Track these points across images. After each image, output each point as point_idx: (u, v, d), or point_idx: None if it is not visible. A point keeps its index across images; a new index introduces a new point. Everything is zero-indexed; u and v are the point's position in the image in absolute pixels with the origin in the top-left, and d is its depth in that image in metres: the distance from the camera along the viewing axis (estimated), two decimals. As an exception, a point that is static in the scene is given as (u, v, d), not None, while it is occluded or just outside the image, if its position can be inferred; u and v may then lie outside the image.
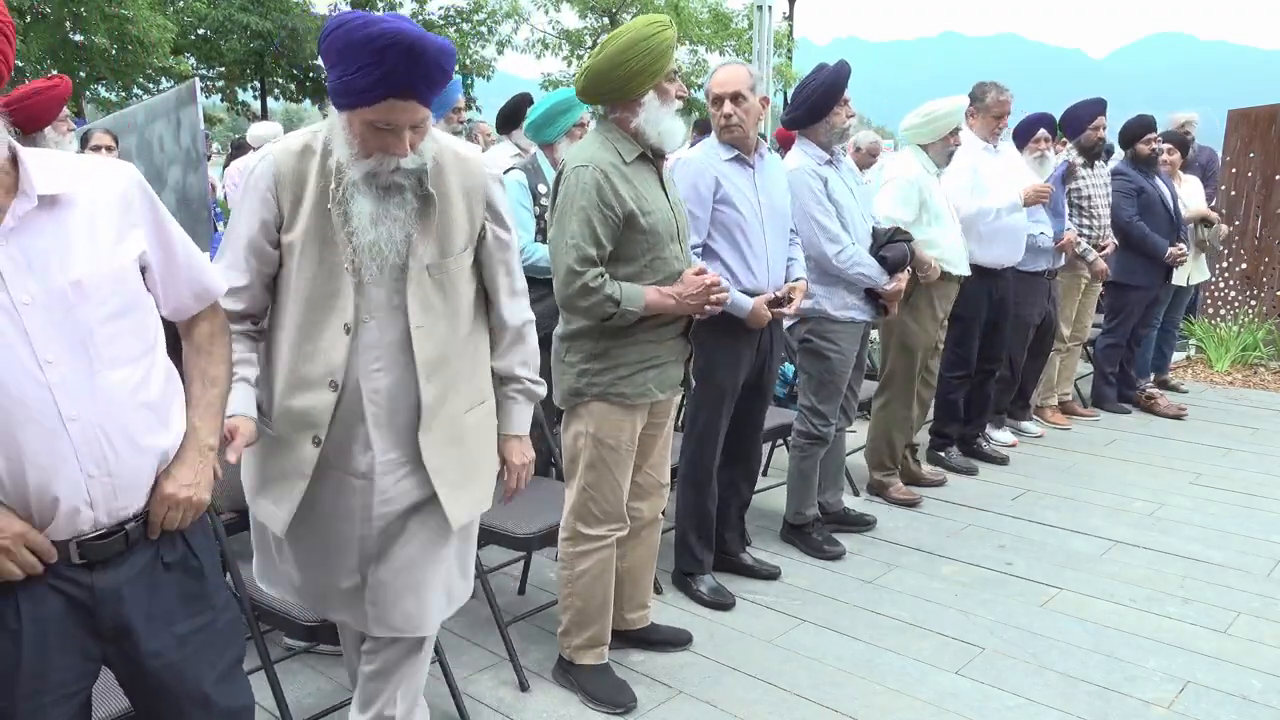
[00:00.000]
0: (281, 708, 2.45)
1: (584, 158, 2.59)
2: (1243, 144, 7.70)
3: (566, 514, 2.78)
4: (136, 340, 1.53)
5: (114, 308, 1.48)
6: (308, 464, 1.92)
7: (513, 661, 2.87)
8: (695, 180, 3.13)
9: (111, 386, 1.47)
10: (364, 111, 1.72)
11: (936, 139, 4.24)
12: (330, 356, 1.87)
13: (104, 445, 1.46)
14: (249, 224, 1.86)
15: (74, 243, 1.44)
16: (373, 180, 1.80)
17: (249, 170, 1.88)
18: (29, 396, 1.38)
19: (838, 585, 3.60)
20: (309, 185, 1.84)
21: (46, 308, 1.40)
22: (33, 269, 1.40)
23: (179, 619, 1.61)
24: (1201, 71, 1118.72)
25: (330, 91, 1.76)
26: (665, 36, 2.53)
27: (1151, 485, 4.76)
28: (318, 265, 1.85)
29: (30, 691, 1.48)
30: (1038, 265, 5.03)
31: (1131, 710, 2.79)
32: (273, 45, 19.99)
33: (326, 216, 1.84)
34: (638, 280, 2.62)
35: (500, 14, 22.78)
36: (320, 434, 1.90)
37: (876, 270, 3.67)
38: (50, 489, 1.42)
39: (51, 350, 1.40)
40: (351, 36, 1.65)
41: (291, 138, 1.89)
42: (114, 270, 1.49)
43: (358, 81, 1.67)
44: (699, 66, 22.77)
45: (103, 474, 1.46)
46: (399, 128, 1.75)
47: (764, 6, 12.17)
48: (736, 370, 3.26)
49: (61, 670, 1.51)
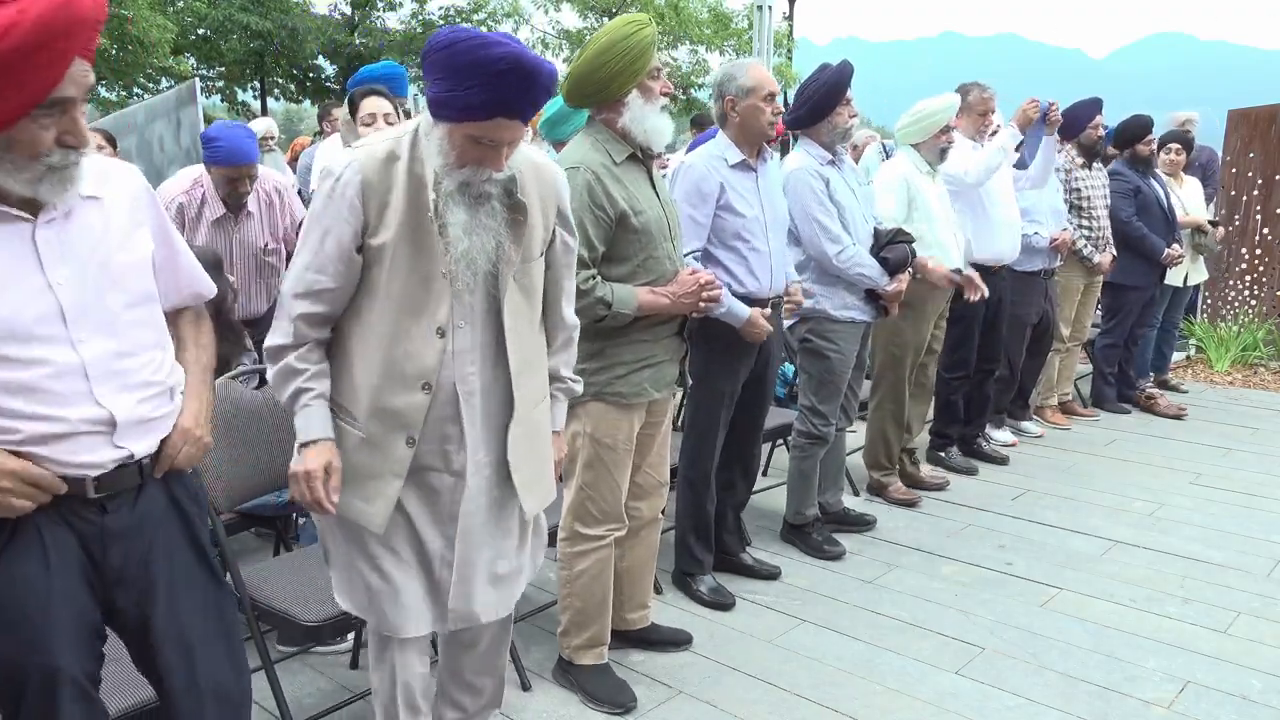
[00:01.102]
0: (281, 708, 2.45)
1: (574, 159, 2.59)
2: (1243, 144, 7.70)
3: (565, 514, 2.78)
4: (154, 330, 1.68)
5: (136, 296, 1.62)
6: (402, 464, 1.95)
7: (513, 661, 2.87)
8: (699, 185, 3.11)
9: (139, 369, 1.61)
10: (469, 126, 1.77)
11: (926, 137, 4.24)
12: (423, 359, 1.91)
13: (129, 418, 1.59)
14: (338, 230, 1.86)
15: (99, 235, 1.58)
16: (466, 190, 1.84)
17: (332, 176, 1.87)
18: (65, 369, 1.50)
19: (838, 585, 3.60)
20: (395, 192, 1.86)
21: (80, 290, 1.53)
22: (64, 255, 1.52)
23: (178, 572, 1.72)
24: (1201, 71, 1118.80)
25: (432, 102, 1.79)
26: (644, 35, 2.53)
27: (1151, 485, 4.76)
28: (409, 271, 1.88)
29: (68, 617, 1.57)
30: (1034, 265, 5.03)
31: (1131, 710, 2.79)
32: (273, 45, 19.99)
33: (417, 223, 1.87)
34: (630, 280, 2.63)
35: (500, 14, 22.79)
36: (415, 434, 1.94)
37: (877, 271, 3.67)
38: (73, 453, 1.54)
39: (83, 330, 1.53)
40: (472, 55, 1.69)
41: (376, 145, 1.89)
42: (134, 262, 1.62)
43: (469, 98, 1.72)
44: (699, 66, 22.77)
45: (130, 440, 1.60)
46: (500, 144, 1.81)
47: (764, 6, 12.17)
48: (736, 372, 3.26)
49: (78, 598, 1.60)
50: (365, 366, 1.93)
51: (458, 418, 1.95)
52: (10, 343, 1.46)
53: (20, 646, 1.52)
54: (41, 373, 1.48)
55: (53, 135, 1.45)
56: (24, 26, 1.32)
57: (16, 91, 1.37)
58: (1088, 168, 5.45)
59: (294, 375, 1.92)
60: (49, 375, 1.49)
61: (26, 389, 1.48)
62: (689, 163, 3.19)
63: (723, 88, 3.22)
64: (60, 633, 1.55)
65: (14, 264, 1.47)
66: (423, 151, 1.85)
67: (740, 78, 3.19)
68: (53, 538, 1.56)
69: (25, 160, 1.43)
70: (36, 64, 1.36)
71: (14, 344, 1.46)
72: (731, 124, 3.22)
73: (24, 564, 1.54)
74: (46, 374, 1.48)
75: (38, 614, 1.54)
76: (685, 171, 3.16)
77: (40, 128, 1.43)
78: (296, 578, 2.48)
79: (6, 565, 1.53)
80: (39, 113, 1.41)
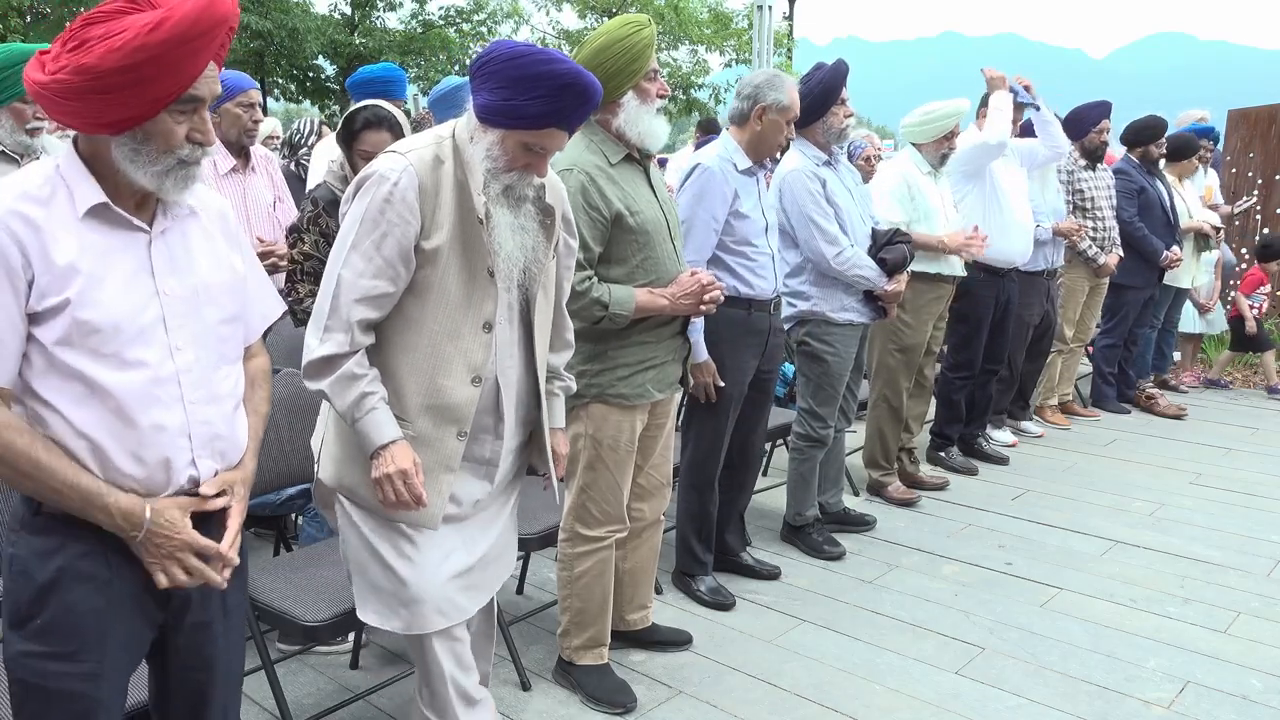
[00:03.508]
0: (281, 708, 2.45)
1: (569, 161, 2.59)
2: (1243, 144, 7.71)
3: (565, 515, 2.78)
4: (238, 346, 1.73)
5: (229, 312, 1.67)
6: (454, 457, 2.02)
7: (513, 661, 2.88)
8: (721, 189, 3.10)
9: (221, 381, 1.65)
10: (523, 134, 1.89)
11: (931, 139, 4.25)
12: (473, 354, 1.99)
13: (211, 429, 1.62)
14: (400, 233, 1.89)
15: (198, 250, 1.64)
16: (510, 193, 1.95)
17: (387, 181, 1.88)
18: (163, 375, 1.54)
19: (838, 585, 3.60)
20: (444, 194, 1.93)
21: (182, 301, 1.58)
22: (173, 267, 1.58)
23: (230, 596, 1.73)
24: (1201, 71, 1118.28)
25: (487, 109, 1.88)
26: (642, 36, 2.54)
27: (1151, 485, 4.76)
28: (460, 270, 1.95)
29: (118, 648, 1.58)
30: (1037, 264, 5.04)
31: (1131, 710, 2.79)
32: (272, 45, 19.98)
33: (467, 224, 1.94)
34: (629, 281, 2.62)
35: (500, 14, 22.79)
36: (465, 428, 2.01)
37: (875, 272, 3.66)
38: (163, 459, 1.56)
39: (181, 338, 1.57)
40: (537, 69, 1.83)
41: (422, 149, 1.93)
42: (228, 280, 1.68)
43: (529, 108, 1.85)
44: (699, 67, 22.76)
45: (206, 455, 1.62)
46: (549, 152, 1.94)
47: (764, 6, 12.16)
48: (741, 377, 3.26)
49: (134, 632, 1.61)
50: (413, 365, 1.97)
51: (497, 408, 2.06)
52: (121, 340, 1.50)
53: (66, 678, 1.53)
54: (141, 376, 1.52)
55: (184, 131, 1.51)
56: (173, 20, 1.40)
57: (158, 85, 1.44)
58: (1091, 169, 5.46)
59: (355, 381, 1.91)
60: (148, 380, 1.52)
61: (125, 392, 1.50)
62: (707, 166, 3.14)
63: (760, 95, 3.18)
64: (111, 668, 1.57)
65: (135, 269, 1.53)
66: (466, 155, 1.93)
67: (780, 95, 3.18)
68: (118, 562, 1.56)
69: (158, 153, 1.49)
70: (180, 57, 1.43)
71: (125, 342, 1.50)
72: (751, 131, 3.20)
73: (85, 592, 1.53)
74: (145, 378, 1.52)
75: (92, 648, 1.55)
76: (703, 176, 3.12)
77: (175, 122, 1.49)
78: (296, 578, 2.48)
79: (67, 591, 1.53)
80: (175, 107, 1.48)
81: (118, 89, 1.41)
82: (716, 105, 22.47)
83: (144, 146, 1.48)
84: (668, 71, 16.08)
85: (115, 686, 1.59)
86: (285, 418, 2.74)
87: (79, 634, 1.53)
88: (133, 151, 1.48)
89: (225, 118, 3.62)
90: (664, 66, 4.18)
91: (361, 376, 1.92)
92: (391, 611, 2.02)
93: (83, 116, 1.46)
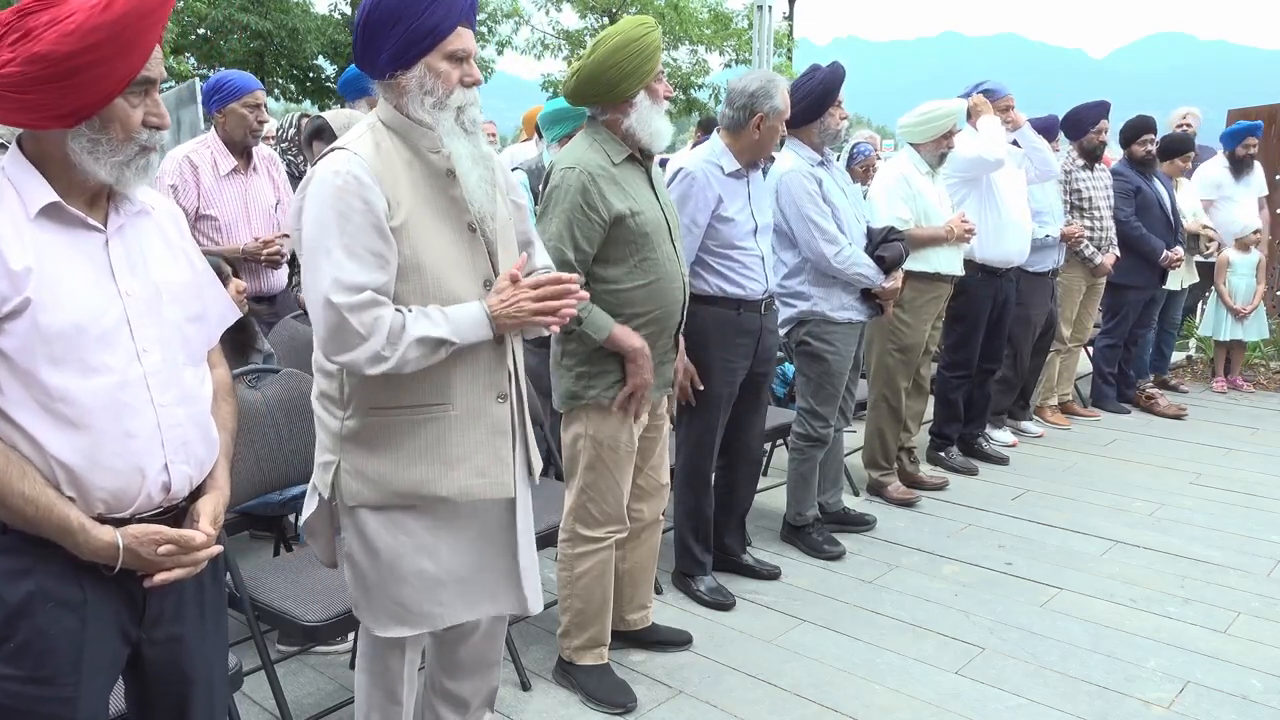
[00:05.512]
0: (281, 708, 2.46)
1: (571, 160, 2.59)
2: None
3: (566, 515, 2.78)
4: (203, 346, 1.69)
5: (192, 311, 1.63)
6: (503, 420, 2.00)
7: (514, 661, 2.88)
8: (703, 194, 3.11)
9: (189, 381, 1.60)
10: (443, 46, 1.86)
11: (929, 139, 4.25)
12: None
13: (183, 432, 1.57)
14: (374, 221, 1.82)
15: (155, 248, 1.60)
16: (461, 115, 1.90)
17: (342, 175, 1.82)
18: (130, 378, 1.49)
19: (838, 585, 3.60)
20: (396, 172, 1.88)
21: (145, 301, 1.53)
22: (131, 267, 1.54)
23: (206, 605, 1.70)
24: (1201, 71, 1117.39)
25: (397, 55, 1.85)
26: (654, 38, 2.56)
27: (1151, 485, 4.76)
28: (438, 234, 1.91)
29: (94, 670, 1.53)
30: (1044, 265, 5.05)
31: (1131, 710, 2.79)
32: (272, 45, 19.99)
33: (435, 191, 1.91)
34: (627, 279, 2.62)
35: (500, 14, 22.78)
36: (504, 390, 1.99)
37: (874, 270, 3.67)
38: (136, 466, 1.50)
39: (146, 340, 1.52)
40: None
41: (356, 141, 1.89)
42: (189, 278, 1.64)
43: (432, 20, 1.83)
44: (699, 66, 22.76)
45: (179, 459, 1.56)
46: (470, 53, 1.91)
47: (764, 6, 12.18)
48: (732, 376, 3.26)
49: (111, 651, 1.57)
50: None
51: (506, 357, 2.00)
52: (85, 345, 1.45)
53: (44, 702, 1.49)
54: (108, 381, 1.46)
55: (141, 115, 1.48)
56: None
57: (117, 64, 1.40)
58: (1089, 169, 5.46)
59: (416, 320, 1.84)
60: (115, 385, 1.47)
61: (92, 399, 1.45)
62: (689, 171, 3.16)
63: (756, 105, 3.17)
64: (89, 690, 1.52)
65: (94, 269, 1.49)
66: (404, 125, 1.90)
67: (777, 100, 3.18)
68: (91, 582, 1.51)
69: (119, 142, 1.46)
70: (136, 34, 1.41)
71: (88, 347, 1.45)
72: (746, 138, 3.20)
73: (59, 615, 1.48)
74: (112, 384, 1.47)
75: (68, 672, 1.50)
76: (684, 181, 3.14)
77: (131, 106, 1.47)
78: (296, 578, 2.48)
79: (41, 614, 1.47)
80: (130, 91, 1.45)
81: (77, 72, 1.37)
82: (716, 105, 22.47)
83: (103, 135, 1.45)
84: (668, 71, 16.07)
85: (94, 707, 1.55)
86: (285, 418, 2.74)
87: (54, 657, 1.48)
88: (91, 142, 1.45)
89: (231, 118, 3.62)
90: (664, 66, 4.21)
91: (407, 313, 1.84)
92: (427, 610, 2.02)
93: (39, 110, 1.40)
